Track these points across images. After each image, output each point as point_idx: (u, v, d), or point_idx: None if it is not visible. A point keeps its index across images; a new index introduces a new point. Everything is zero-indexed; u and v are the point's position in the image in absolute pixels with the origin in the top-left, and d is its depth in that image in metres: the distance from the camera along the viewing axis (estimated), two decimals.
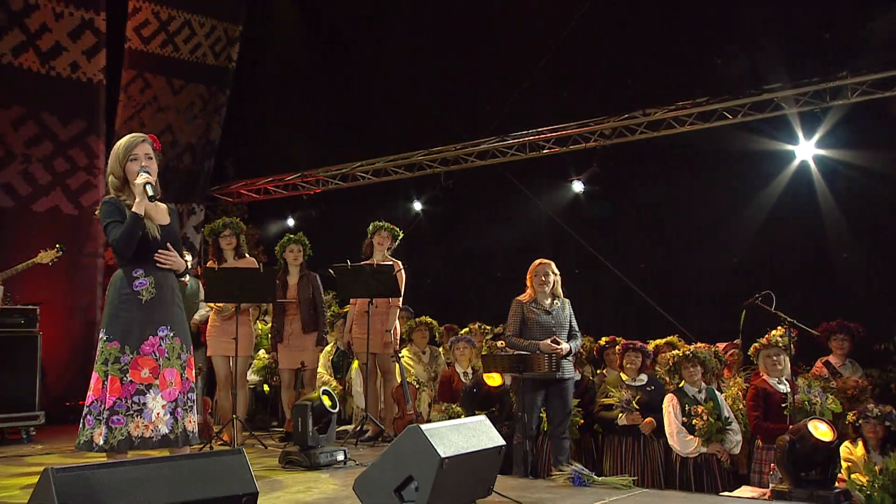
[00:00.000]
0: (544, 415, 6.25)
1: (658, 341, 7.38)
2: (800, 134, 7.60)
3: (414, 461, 3.63)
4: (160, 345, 3.96)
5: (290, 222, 11.10)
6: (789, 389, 6.03)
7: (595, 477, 4.76)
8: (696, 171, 8.38)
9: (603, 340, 7.34)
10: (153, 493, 2.86)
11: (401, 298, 7.07)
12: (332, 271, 6.64)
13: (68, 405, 8.59)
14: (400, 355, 6.90)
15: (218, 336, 6.65)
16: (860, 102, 7.29)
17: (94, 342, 9.79)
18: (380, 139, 10.13)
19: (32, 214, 9.24)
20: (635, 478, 5.28)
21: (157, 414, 3.87)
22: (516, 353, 5.79)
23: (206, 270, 6.50)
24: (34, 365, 7.39)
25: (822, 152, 7.51)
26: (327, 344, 7.72)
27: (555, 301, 6.18)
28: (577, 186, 8.76)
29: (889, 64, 7.09)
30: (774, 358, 6.18)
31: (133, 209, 3.94)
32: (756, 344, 6.36)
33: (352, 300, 7.09)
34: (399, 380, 6.90)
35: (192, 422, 4.05)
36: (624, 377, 6.82)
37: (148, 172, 4.01)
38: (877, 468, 5.22)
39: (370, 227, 7.15)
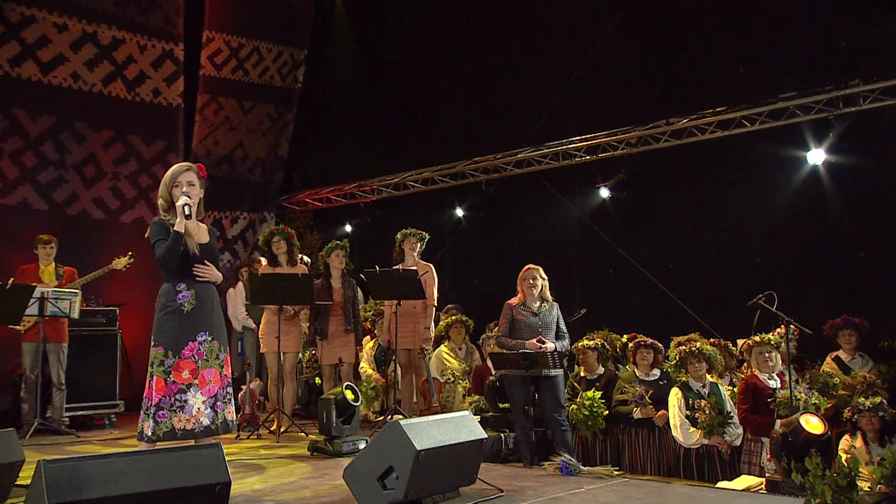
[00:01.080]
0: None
1: (680, 338, 7.37)
2: (813, 139, 7.52)
3: (394, 453, 3.77)
4: (199, 349, 4.22)
5: (348, 228, 11.35)
6: (779, 385, 6.05)
7: (581, 467, 4.85)
8: (718, 175, 8.34)
9: (625, 338, 7.39)
10: (133, 482, 3.01)
11: (434, 298, 7.20)
12: (363, 276, 6.87)
13: None
14: (428, 351, 7.08)
15: (270, 334, 6.88)
16: (869, 109, 7.17)
17: None
18: (427, 150, 10.30)
19: (120, 225, 9.86)
20: (618, 467, 5.37)
21: (198, 409, 4.16)
22: (521, 351, 5.95)
23: (251, 276, 6.83)
24: (115, 359, 7.96)
25: (833, 157, 7.42)
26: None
27: (543, 304, 6.23)
28: (604, 192, 8.83)
29: None
30: (766, 355, 6.19)
31: (174, 228, 4.20)
32: (748, 341, 6.38)
33: (386, 301, 7.26)
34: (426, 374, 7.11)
35: (230, 412, 4.32)
36: (638, 373, 6.91)
37: (188, 196, 4.24)
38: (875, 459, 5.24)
39: (398, 236, 7.30)
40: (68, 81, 9.51)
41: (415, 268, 6.88)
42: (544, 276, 6.30)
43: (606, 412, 6.68)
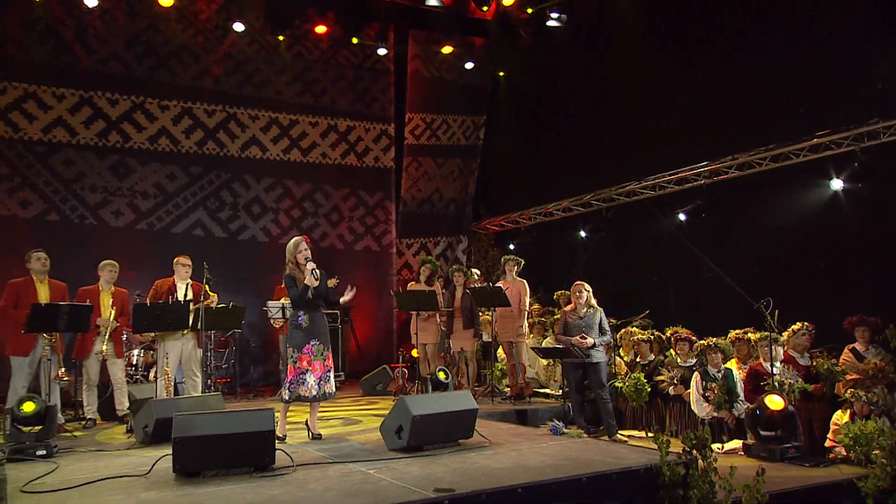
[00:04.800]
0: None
1: (737, 331, 7.78)
2: (835, 168, 7.65)
3: (403, 416, 4.83)
4: (312, 349, 5.57)
5: (511, 246, 12.46)
6: (778, 371, 6.50)
7: (564, 429, 5.74)
8: (767, 199, 8.56)
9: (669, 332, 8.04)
10: (218, 427, 4.19)
11: (526, 304, 8.24)
12: (468, 291, 8.28)
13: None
14: (522, 343, 8.23)
15: (417, 331, 8.40)
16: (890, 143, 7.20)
17: (391, 330, 12.37)
18: (564, 186, 11.28)
19: (354, 252, 12.17)
20: (583, 431, 6.19)
21: (311, 384, 5.51)
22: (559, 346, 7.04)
23: (396, 293, 8.52)
24: (338, 345, 10.22)
25: (855, 184, 7.50)
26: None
27: (588, 309, 7.07)
28: (682, 216, 9.36)
29: None
30: (766, 348, 6.65)
31: (305, 282, 5.53)
32: (755, 336, 6.82)
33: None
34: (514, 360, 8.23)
35: (329, 387, 5.62)
36: (678, 360, 7.60)
37: (313, 261, 5.62)
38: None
39: (502, 259, 8.51)
40: (319, 159, 12.01)
41: (500, 284, 8.08)
42: (588, 288, 7.21)
43: (649, 389, 7.49)
